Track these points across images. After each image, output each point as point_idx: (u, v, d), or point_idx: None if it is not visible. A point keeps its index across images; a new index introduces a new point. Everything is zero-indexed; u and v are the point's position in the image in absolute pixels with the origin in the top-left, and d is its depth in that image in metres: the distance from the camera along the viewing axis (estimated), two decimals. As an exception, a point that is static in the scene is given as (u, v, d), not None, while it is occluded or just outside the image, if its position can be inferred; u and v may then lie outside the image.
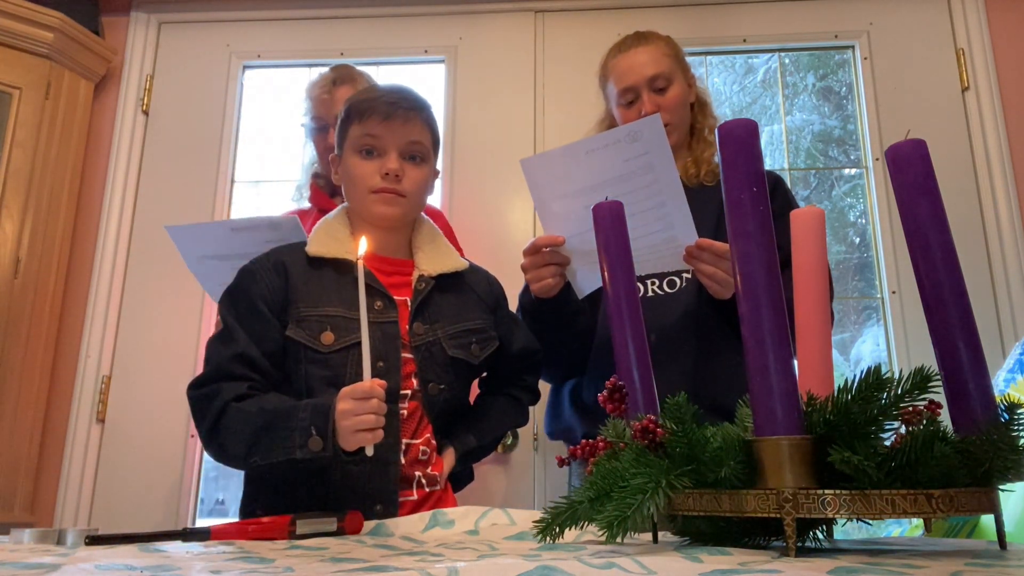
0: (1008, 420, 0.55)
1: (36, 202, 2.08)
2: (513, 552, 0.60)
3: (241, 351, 1.12)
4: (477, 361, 1.25)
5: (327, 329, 1.14)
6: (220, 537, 0.77)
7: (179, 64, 2.36)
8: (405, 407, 1.17)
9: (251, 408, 1.08)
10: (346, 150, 1.25)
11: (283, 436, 1.04)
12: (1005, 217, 2.05)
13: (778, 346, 0.56)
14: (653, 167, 1.22)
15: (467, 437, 1.26)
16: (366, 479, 1.11)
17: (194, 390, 1.13)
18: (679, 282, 1.42)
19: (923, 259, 0.61)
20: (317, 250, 1.20)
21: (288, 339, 1.14)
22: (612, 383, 0.72)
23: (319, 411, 1.03)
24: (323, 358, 1.14)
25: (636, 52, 1.55)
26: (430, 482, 1.18)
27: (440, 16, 2.34)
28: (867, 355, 2.21)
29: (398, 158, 1.21)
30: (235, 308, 1.17)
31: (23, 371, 2.01)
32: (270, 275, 1.18)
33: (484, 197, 2.18)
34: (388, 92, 1.24)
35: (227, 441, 1.09)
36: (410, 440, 1.17)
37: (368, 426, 1.00)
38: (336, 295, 1.17)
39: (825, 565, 0.46)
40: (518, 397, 1.37)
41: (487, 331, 1.28)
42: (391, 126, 1.21)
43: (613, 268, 0.79)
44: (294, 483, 1.12)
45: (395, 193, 1.21)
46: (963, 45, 2.18)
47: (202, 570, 0.48)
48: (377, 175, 1.21)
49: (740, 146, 0.60)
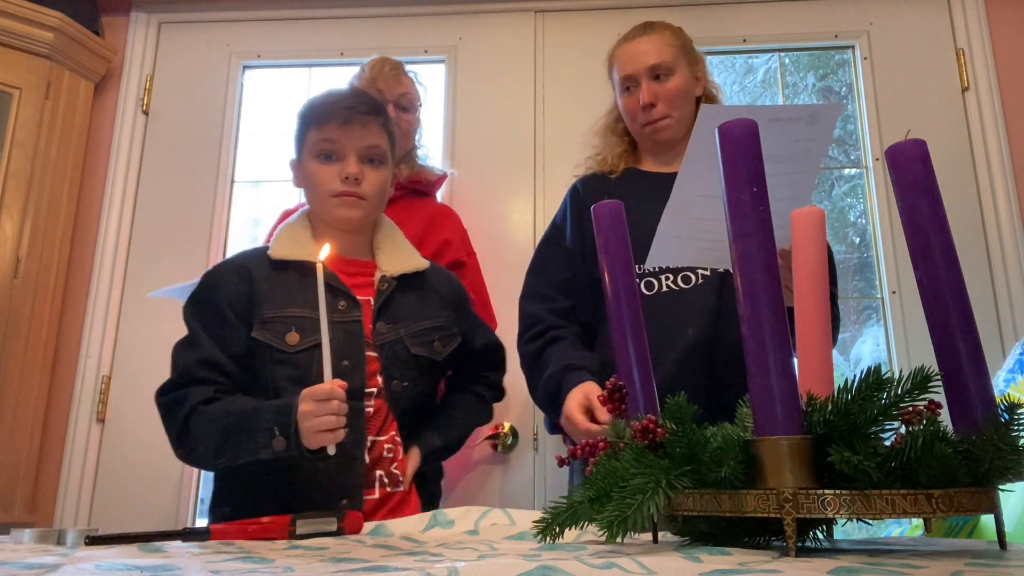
0: (1008, 420, 0.55)
1: (36, 202, 2.08)
2: (513, 552, 0.60)
3: (206, 356, 1.16)
4: (440, 358, 1.28)
5: (292, 330, 1.18)
6: (220, 537, 0.77)
7: (179, 64, 2.36)
8: (371, 405, 1.20)
9: (217, 411, 1.12)
10: (305, 155, 1.28)
11: (248, 437, 1.08)
12: (1005, 217, 2.05)
13: (778, 346, 0.56)
14: (808, 156, 1.16)
15: (432, 437, 1.28)
16: (332, 475, 1.14)
17: (162, 396, 1.17)
18: (694, 278, 1.41)
19: (923, 259, 0.61)
20: (280, 253, 1.24)
21: (254, 341, 1.18)
22: (612, 383, 0.72)
23: (282, 412, 1.08)
24: (289, 358, 1.17)
25: (640, 41, 1.55)
26: (392, 482, 1.20)
27: (440, 16, 2.34)
28: (867, 355, 2.21)
29: (357, 162, 1.25)
30: (200, 314, 1.20)
31: (23, 371, 2.01)
32: (234, 280, 1.21)
33: (484, 197, 2.18)
34: (345, 97, 1.28)
35: (196, 444, 1.13)
36: (375, 437, 1.20)
37: (329, 427, 1.03)
38: (300, 296, 1.21)
39: (825, 565, 0.46)
40: (482, 394, 1.40)
41: (449, 328, 1.31)
42: (349, 131, 1.24)
43: (613, 268, 0.79)
44: (262, 481, 1.14)
45: (355, 196, 1.25)
46: (963, 45, 2.18)
47: (202, 570, 0.48)
48: (337, 179, 1.24)
49: (740, 146, 0.60)
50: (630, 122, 1.58)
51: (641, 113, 1.53)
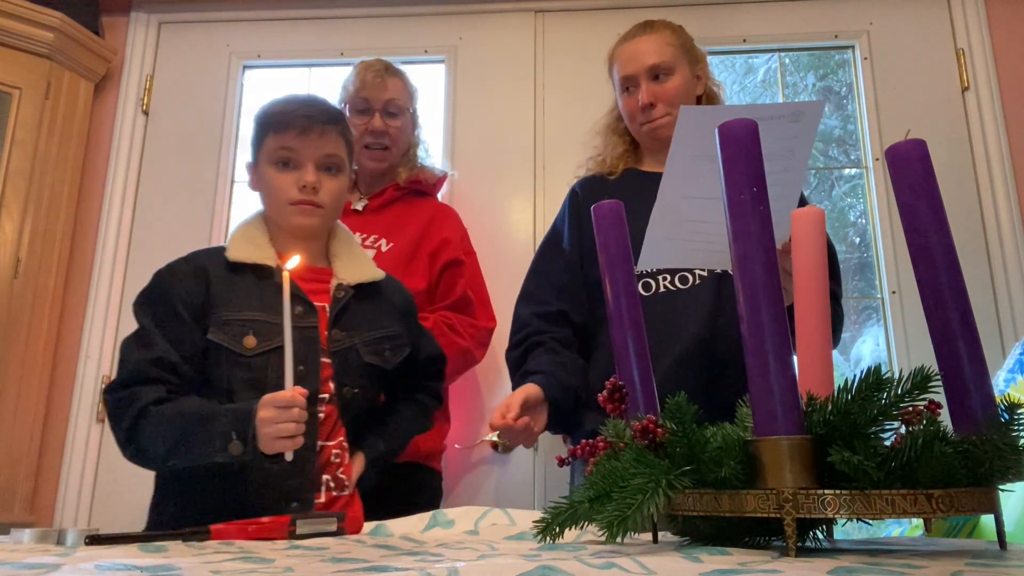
0: (1008, 420, 0.55)
1: (36, 202, 2.08)
2: (513, 552, 0.60)
3: (159, 355, 1.15)
4: (390, 367, 1.29)
5: (249, 333, 1.18)
6: (220, 537, 0.77)
7: (179, 64, 2.36)
8: (322, 410, 1.20)
9: (170, 412, 1.12)
10: (262, 161, 1.28)
11: (204, 440, 1.09)
12: (1005, 217, 2.05)
13: (778, 346, 0.56)
14: (792, 154, 1.16)
15: (377, 443, 1.30)
16: (283, 478, 1.15)
17: (111, 393, 1.16)
18: (691, 279, 1.41)
19: (923, 259, 0.61)
20: (237, 255, 1.24)
21: (210, 342, 1.17)
22: (612, 383, 0.72)
23: (240, 416, 1.08)
24: (245, 361, 1.17)
25: (640, 40, 1.55)
26: (338, 486, 1.21)
27: (440, 16, 2.34)
28: (867, 355, 2.21)
29: (315, 170, 1.26)
30: (153, 312, 1.19)
31: (23, 371, 2.01)
32: (189, 279, 1.21)
33: (484, 197, 2.18)
34: (304, 105, 1.28)
35: (146, 443, 1.12)
36: (324, 442, 1.20)
37: (288, 434, 1.05)
38: (257, 300, 1.21)
39: (825, 565, 0.46)
40: (425, 403, 1.41)
41: (400, 338, 1.32)
42: (308, 139, 1.25)
43: (613, 268, 0.79)
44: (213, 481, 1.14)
45: (312, 204, 1.25)
46: (963, 45, 2.18)
47: (202, 570, 0.48)
48: (295, 187, 1.25)
49: (740, 146, 0.60)
50: (630, 122, 1.58)
51: (640, 113, 1.53)
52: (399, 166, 1.85)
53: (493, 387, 2.02)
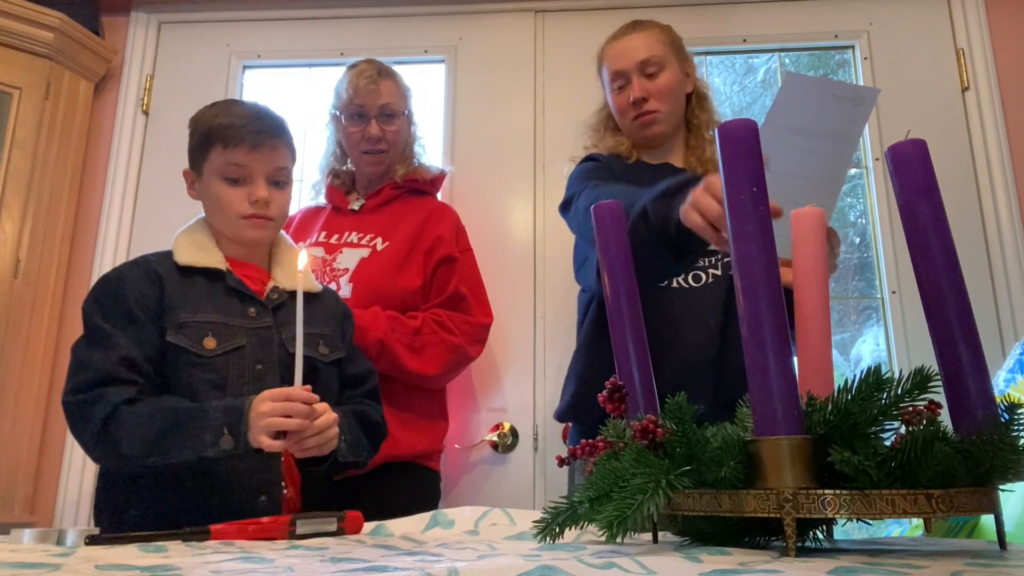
0: (1008, 420, 0.55)
1: (36, 202, 2.08)
2: (513, 552, 0.60)
3: (125, 355, 1.14)
4: (325, 361, 1.29)
5: (208, 335, 1.19)
6: (220, 537, 0.77)
7: (179, 64, 2.36)
8: None
9: (148, 410, 1.11)
10: (209, 174, 1.29)
11: (192, 435, 1.09)
12: (1005, 217, 2.05)
13: (778, 346, 0.56)
14: (847, 139, 1.15)
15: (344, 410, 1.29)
16: (251, 472, 1.16)
17: (73, 395, 1.13)
18: (704, 277, 1.41)
19: (923, 259, 0.61)
20: (187, 260, 1.25)
21: (168, 344, 1.18)
22: (612, 383, 0.72)
23: (231, 411, 1.10)
24: (206, 362, 1.18)
25: (630, 38, 1.56)
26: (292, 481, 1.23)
27: (440, 16, 2.34)
28: (867, 355, 2.21)
29: (266, 185, 1.27)
30: (108, 314, 1.18)
31: (23, 371, 2.00)
32: (142, 282, 1.21)
33: (484, 197, 2.18)
34: (253, 119, 1.27)
35: (121, 443, 1.10)
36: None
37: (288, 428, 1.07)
38: (211, 302, 1.23)
39: (825, 565, 0.46)
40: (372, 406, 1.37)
41: (334, 338, 1.34)
42: (259, 155, 1.26)
43: (613, 268, 0.79)
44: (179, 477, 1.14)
45: (264, 218, 1.28)
46: (963, 45, 2.18)
47: (202, 570, 0.48)
48: (246, 202, 1.26)
49: (740, 146, 0.60)
50: (620, 119, 1.58)
51: (632, 108, 1.53)
52: (396, 164, 1.85)
53: (490, 386, 2.02)
